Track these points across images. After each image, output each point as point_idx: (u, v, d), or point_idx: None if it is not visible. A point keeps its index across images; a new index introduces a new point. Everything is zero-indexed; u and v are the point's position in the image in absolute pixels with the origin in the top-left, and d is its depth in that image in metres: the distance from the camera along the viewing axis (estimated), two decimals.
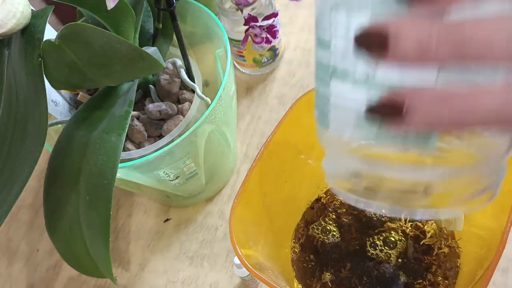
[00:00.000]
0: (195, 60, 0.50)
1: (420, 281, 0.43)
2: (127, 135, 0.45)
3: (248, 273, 0.42)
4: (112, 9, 0.35)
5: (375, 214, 0.47)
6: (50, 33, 0.47)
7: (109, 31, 0.41)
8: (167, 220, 0.57)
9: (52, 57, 0.37)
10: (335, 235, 0.47)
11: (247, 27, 0.52)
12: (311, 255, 0.47)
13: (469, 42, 0.16)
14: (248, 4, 0.52)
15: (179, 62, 0.47)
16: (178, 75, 0.47)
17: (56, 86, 0.42)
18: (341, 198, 0.21)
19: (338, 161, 0.22)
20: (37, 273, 0.57)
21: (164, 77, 0.47)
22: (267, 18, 0.52)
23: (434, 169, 0.19)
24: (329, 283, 0.45)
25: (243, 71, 0.64)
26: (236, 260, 0.46)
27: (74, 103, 0.50)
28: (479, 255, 0.39)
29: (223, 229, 0.55)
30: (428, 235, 0.45)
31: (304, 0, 0.69)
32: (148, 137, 0.46)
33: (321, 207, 0.49)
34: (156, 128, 0.46)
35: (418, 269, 0.44)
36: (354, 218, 0.48)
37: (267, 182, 0.42)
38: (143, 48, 0.44)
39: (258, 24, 0.51)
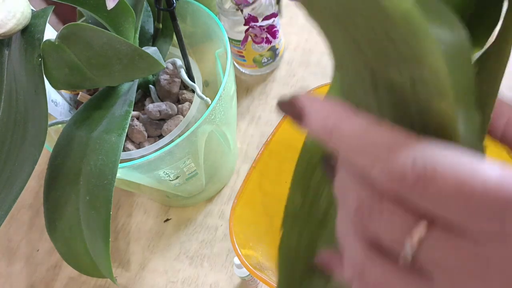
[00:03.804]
0: (195, 60, 0.50)
1: None
2: (127, 135, 0.45)
3: (248, 273, 0.42)
4: (112, 9, 0.35)
5: None
6: (50, 33, 0.47)
7: (109, 31, 0.41)
8: (167, 220, 0.57)
9: (52, 57, 0.37)
10: None
11: (247, 27, 0.52)
12: None
13: None
14: (248, 4, 0.52)
15: (179, 62, 0.47)
16: (178, 75, 0.47)
17: (56, 86, 0.42)
18: None
19: None
20: (37, 273, 0.57)
21: (164, 77, 0.47)
22: (267, 18, 0.52)
23: None
24: None
25: (243, 71, 0.64)
26: (236, 260, 0.46)
27: (74, 103, 0.50)
28: None
29: (223, 229, 0.55)
30: None
31: None
32: (148, 137, 0.46)
33: None
34: (156, 128, 0.46)
35: None
36: None
37: (267, 182, 0.42)
38: (143, 48, 0.44)
39: (258, 24, 0.51)
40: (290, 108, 0.18)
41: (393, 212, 0.16)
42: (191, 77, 0.47)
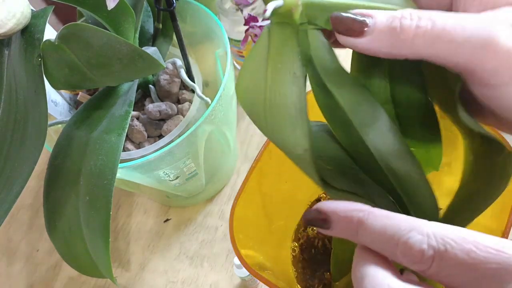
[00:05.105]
0: (195, 60, 0.50)
1: None
2: (127, 135, 0.45)
3: (248, 273, 0.42)
4: (112, 9, 0.35)
5: None
6: (50, 33, 0.47)
7: (109, 31, 0.41)
8: (167, 220, 0.57)
9: (52, 57, 0.37)
10: None
11: (247, 27, 0.52)
12: (312, 255, 0.47)
13: None
14: (248, 4, 0.52)
15: (179, 62, 0.47)
16: (178, 75, 0.47)
17: (56, 86, 0.42)
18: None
19: None
20: (37, 273, 0.57)
21: (164, 77, 0.47)
22: (267, 18, 0.52)
23: None
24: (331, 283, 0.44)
25: None
26: (236, 260, 0.46)
27: (74, 103, 0.50)
28: None
29: (223, 229, 0.55)
30: None
31: None
32: (148, 137, 0.46)
33: None
34: (156, 128, 0.46)
35: None
36: None
37: (267, 182, 0.42)
38: (143, 48, 0.44)
39: (258, 24, 0.51)
40: (316, 218, 0.21)
41: None
42: (191, 77, 0.47)
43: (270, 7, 0.21)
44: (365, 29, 0.20)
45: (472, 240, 0.18)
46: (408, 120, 0.25)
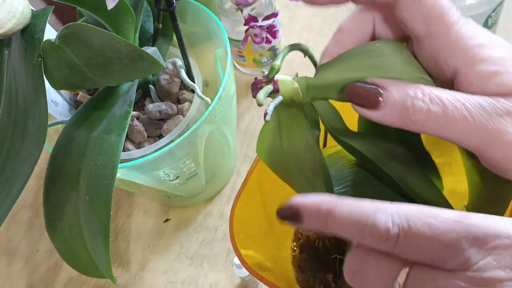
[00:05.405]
0: (195, 60, 0.50)
1: None
2: (127, 135, 0.45)
3: (248, 273, 0.42)
4: (112, 9, 0.35)
5: None
6: (50, 33, 0.47)
7: (109, 31, 0.41)
8: (167, 220, 0.57)
9: (52, 57, 0.37)
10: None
11: (247, 27, 0.52)
12: (312, 255, 0.47)
13: None
14: (248, 4, 0.52)
15: (179, 62, 0.47)
16: (178, 75, 0.47)
17: (56, 86, 0.42)
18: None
19: None
20: (37, 273, 0.57)
21: (164, 77, 0.47)
22: (267, 18, 0.52)
23: None
24: (332, 283, 0.44)
25: (243, 71, 0.64)
26: (236, 260, 0.46)
27: (74, 103, 0.50)
28: None
29: (223, 229, 0.55)
30: None
31: None
32: (148, 137, 0.46)
33: None
34: (156, 128, 0.46)
35: None
36: None
37: (267, 182, 0.42)
38: (143, 48, 0.44)
39: (258, 24, 0.51)
40: (289, 214, 0.22)
41: (381, 264, 0.20)
42: (191, 77, 0.47)
43: (271, 109, 0.22)
44: (379, 102, 0.21)
45: (433, 214, 0.18)
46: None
